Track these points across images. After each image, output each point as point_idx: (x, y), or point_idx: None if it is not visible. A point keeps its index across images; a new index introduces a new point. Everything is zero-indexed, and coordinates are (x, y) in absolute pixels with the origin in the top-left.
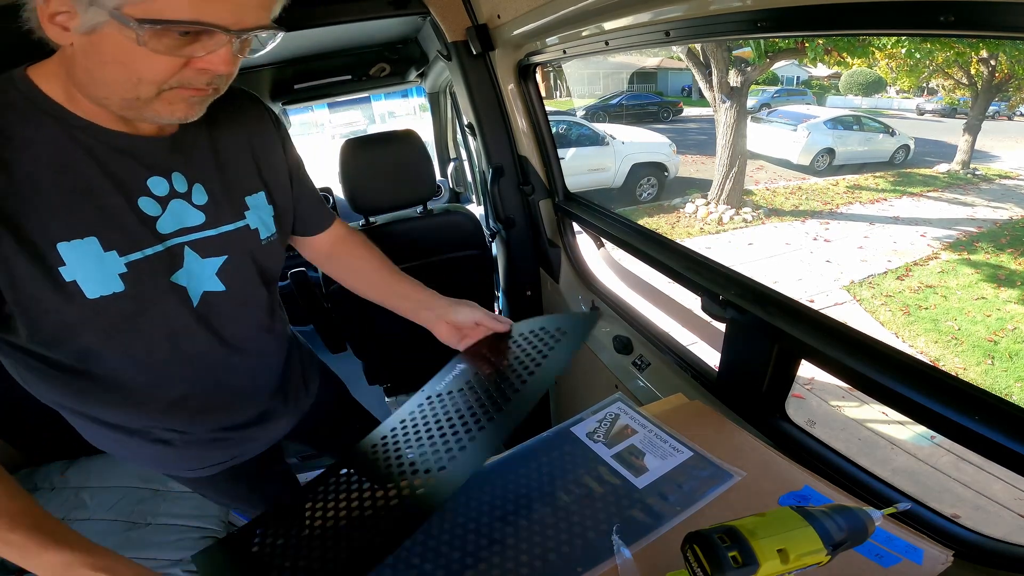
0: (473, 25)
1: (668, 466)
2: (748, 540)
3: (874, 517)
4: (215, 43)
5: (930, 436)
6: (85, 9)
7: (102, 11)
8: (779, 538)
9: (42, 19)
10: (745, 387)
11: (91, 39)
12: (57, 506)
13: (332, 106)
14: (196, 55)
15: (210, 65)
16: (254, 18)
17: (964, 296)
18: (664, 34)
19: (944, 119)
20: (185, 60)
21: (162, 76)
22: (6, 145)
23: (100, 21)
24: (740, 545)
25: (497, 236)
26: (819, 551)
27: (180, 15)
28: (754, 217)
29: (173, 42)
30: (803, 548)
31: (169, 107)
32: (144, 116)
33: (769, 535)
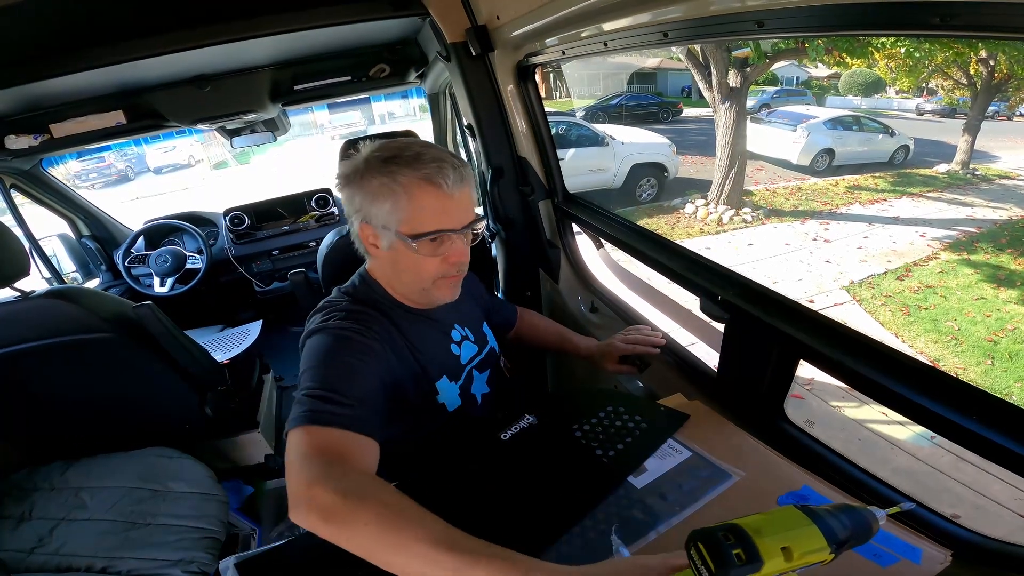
0: (472, 26)
1: (667, 466)
2: (752, 538)
3: (878, 517)
4: (451, 241)
5: (930, 436)
6: (384, 235)
7: (391, 234)
8: (783, 536)
9: (364, 243)
10: (744, 387)
11: (391, 254)
12: (57, 506)
13: (332, 107)
14: (446, 252)
15: (454, 255)
16: (468, 218)
17: (964, 296)
18: (663, 35)
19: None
20: (442, 257)
21: (432, 270)
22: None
23: (392, 241)
24: (744, 543)
25: (496, 237)
26: (823, 550)
27: (431, 228)
28: (754, 217)
29: (430, 246)
30: (807, 546)
31: (442, 292)
32: (431, 300)
33: (773, 533)
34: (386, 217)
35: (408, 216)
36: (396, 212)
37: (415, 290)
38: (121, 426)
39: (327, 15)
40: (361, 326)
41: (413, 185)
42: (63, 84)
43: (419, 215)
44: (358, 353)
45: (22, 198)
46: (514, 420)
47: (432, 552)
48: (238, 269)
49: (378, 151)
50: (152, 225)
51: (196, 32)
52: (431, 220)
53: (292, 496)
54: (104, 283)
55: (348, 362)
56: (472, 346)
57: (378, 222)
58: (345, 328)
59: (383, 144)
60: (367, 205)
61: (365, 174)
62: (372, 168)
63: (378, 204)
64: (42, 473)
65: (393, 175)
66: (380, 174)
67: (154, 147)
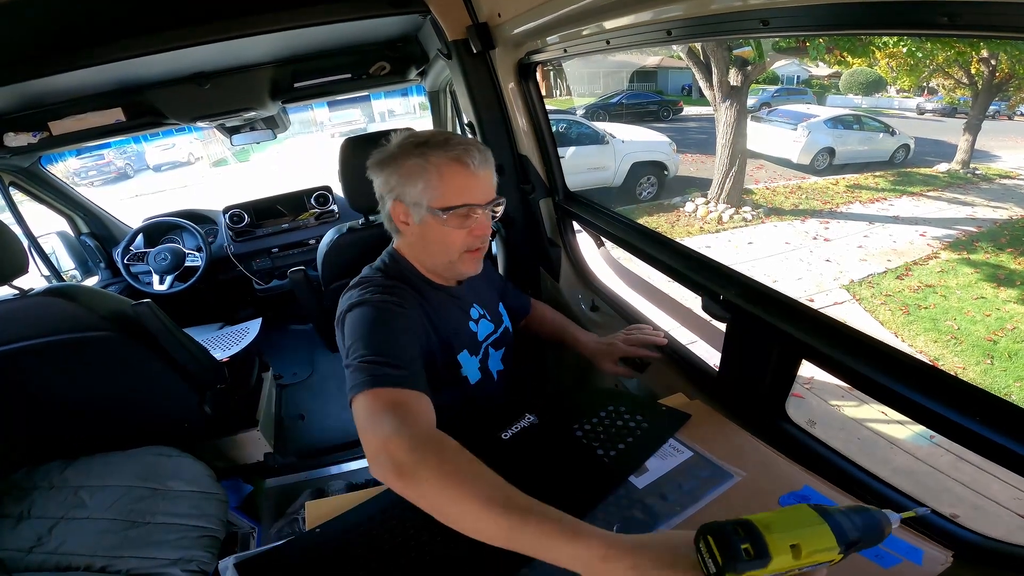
0: (473, 24)
1: (668, 466)
2: (762, 534)
3: (892, 520)
4: (477, 214)
5: (929, 436)
6: (416, 211)
7: (421, 209)
8: (793, 534)
9: (396, 220)
10: (745, 387)
11: (421, 228)
12: (56, 505)
13: (332, 105)
14: (471, 225)
15: (479, 228)
16: (491, 195)
17: (963, 296)
18: (666, 33)
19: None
20: (468, 230)
21: (459, 242)
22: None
23: (424, 215)
24: (754, 538)
25: (497, 235)
26: (832, 549)
27: (459, 201)
28: (754, 216)
29: (458, 219)
30: (816, 545)
31: (467, 265)
32: (457, 273)
33: (784, 530)
34: (419, 194)
35: (439, 192)
36: (428, 189)
37: (442, 263)
38: (120, 425)
39: (327, 12)
40: (397, 298)
41: (443, 164)
42: (62, 81)
43: (448, 191)
44: (400, 321)
45: (21, 195)
46: (515, 419)
47: (485, 510)
48: (237, 267)
49: (410, 138)
50: (151, 223)
51: (196, 30)
52: (459, 195)
53: (370, 453)
54: (103, 281)
55: (393, 329)
56: (488, 324)
57: (411, 199)
58: (385, 300)
59: (413, 133)
60: (401, 184)
61: (399, 157)
62: (406, 151)
63: (412, 182)
64: (41, 472)
65: (425, 156)
66: (413, 156)
67: (153, 144)
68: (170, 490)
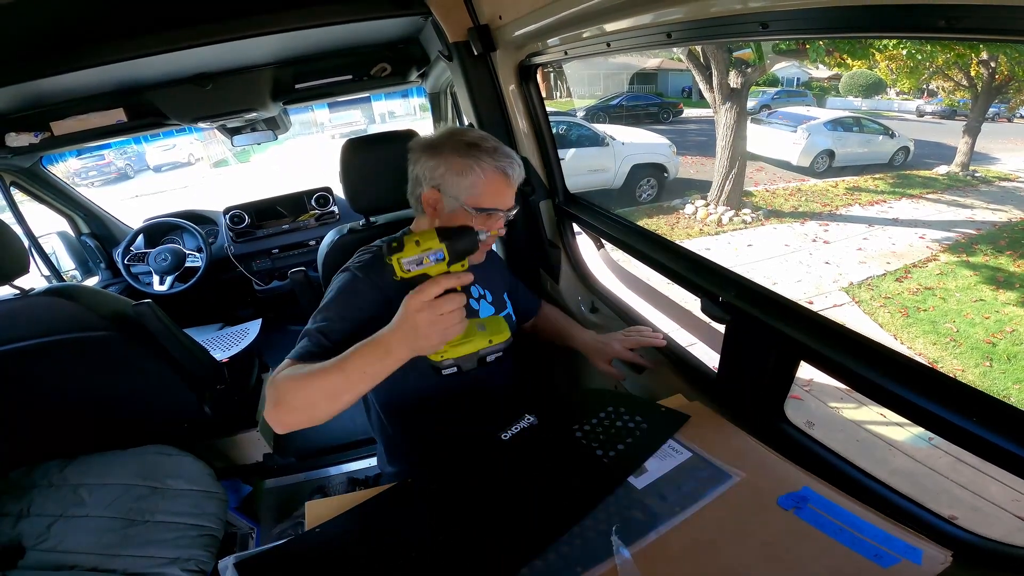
0: (475, 26)
1: (667, 467)
2: (404, 238)
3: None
4: (499, 217)
5: (928, 437)
6: (450, 202)
7: (456, 202)
8: (419, 235)
9: (425, 204)
10: (744, 388)
11: (450, 216)
12: (56, 503)
13: (332, 106)
14: (491, 224)
15: (497, 229)
16: (513, 203)
17: (963, 298)
18: (666, 36)
19: (944, 121)
20: (487, 227)
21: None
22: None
23: (455, 207)
24: (400, 239)
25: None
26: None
27: (489, 205)
28: (753, 218)
29: (485, 219)
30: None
31: (479, 255)
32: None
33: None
34: (461, 190)
35: (478, 192)
36: (472, 188)
37: None
38: (120, 424)
39: (329, 14)
40: (370, 269)
41: (490, 171)
42: (64, 82)
43: (486, 194)
44: (358, 295)
45: (22, 195)
46: (515, 420)
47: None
48: (238, 267)
49: (459, 135)
50: (152, 223)
51: (197, 30)
52: (493, 199)
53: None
54: (103, 281)
55: (345, 303)
56: (489, 307)
57: (451, 191)
58: (358, 269)
59: (463, 131)
60: (448, 176)
61: (450, 152)
62: (457, 149)
63: (458, 178)
64: (40, 470)
65: (478, 159)
66: (466, 156)
67: (154, 145)
68: (169, 489)
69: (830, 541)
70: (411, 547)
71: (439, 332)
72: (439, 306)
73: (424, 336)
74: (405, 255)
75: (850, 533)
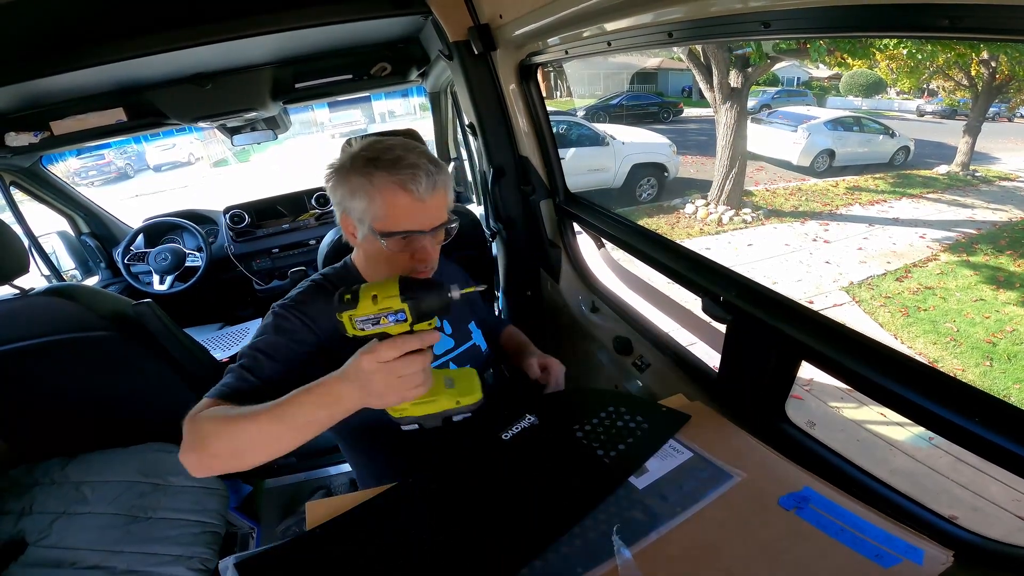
0: (475, 25)
1: (668, 467)
2: (359, 289)
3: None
4: (419, 241)
5: (928, 437)
6: (360, 228)
7: (365, 227)
8: (375, 288)
9: (346, 231)
10: (745, 388)
11: (366, 244)
12: (58, 500)
13: (332, 105)
14: (414, 250)
15: (421, 253)
16: (438, 220)
17: (963, 298)
18: (667, 35)
19: (944, 120)
20: (411, 253)
21: (402, 264)
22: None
23: (366, 233)
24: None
25: (497, 236)
26: (395, 297)
27: (400, 228)
28: (754, 218)
29: (399, 243)
30: (386, 293)
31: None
32: None
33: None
34: (362, 213)
35: (382, 215)
36: (371, 210)
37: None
38: (119, 424)
39: (328, 13)
40: (304, 307)
41: (387, 189)
42: (64, 81)
43: (391, 216)
44: (287, 333)
45: (21, 195)
46: (515, 420)
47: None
48: (238, 267)
49: (364, 150)
50: (152, 223)
51: (197, 30)
52: (402, 221)
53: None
54: (103, 281)
55: (274, 341)
56: (447, 339)
57: (355, 216)
58: (292, 306)
59: (370, 143)
60: (347, 199)
61: (349, 171)
62: (356, 166)
63: (356, 200)
64: (42, 468)
65: (370, 177)
66: (359, 174)
67: (154, 145)
68: (171, 485)
69: (831, 541)
70: (411, 547)
71: (396, 393)
72: (397, 368)
73: (378, 395)
74: (358, 313)
75: (851, 533)
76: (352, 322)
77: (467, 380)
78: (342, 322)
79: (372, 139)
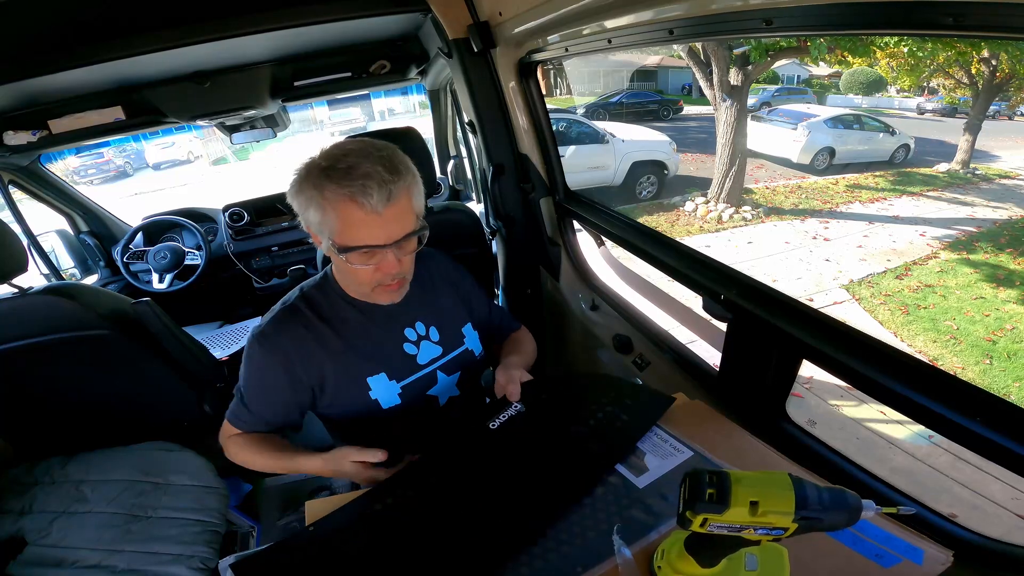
0: (474, 22)
1: (669, 466)
2: (730, 484)
3: (867, 508)
4: (382, 255)
5: (928, 436)
6: (323, 241)
7: (326, 240)
8: (758, 491)
9: (314, 240)
10: (746, 387)
11: (332, 256)
12: (58, 499)
13: (332, 103)
14: (377, 263)
15: (385, 267)
16: (399, 232)
17: (963, 296)
18: (668, 32)
19: (944, 118)
20: (375, 267)
21: (366, 278)
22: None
23: (328, 246)
24: (721, 486)
25: (497, 234)
26: (787, 515)
27: (357, 243)
28: (754, 215)
29: (361, 258)
30: (774, 506)
31: (382, 296)
32: (376, 301)
33: (750, 486)
34: (319, 226)
35: (338, 229)
36: (326, 224)
37: (358, 292)
38: (119, 423)
39: (327, 10)
40: (282, 331)
41: (339, 202)
42: (62, 80)
43: (347, 230)
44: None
45: (20, 194)
46: (502, 408)
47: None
48: (237, 265)
49: (322, 159)
50: (151, 221)
51: (195, 28)
52: (359, 235)
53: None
54: (102, 279)
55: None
56: (435, 347)
57: (314, 228)
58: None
59: (329, 151)
60: (303, 210)
61: (303, 182)
62: (310, 177)
63: (311, 213)
64: (42, 467)
65: (321, 189)
66: (312, 186)
67: (153, 143)
68: (172, 484)
69: (831, 541)
70: (407, 543)
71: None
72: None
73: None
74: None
75: (851, 533)
76: (704, 524)
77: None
78: (685, 516)
79: (334, 144)
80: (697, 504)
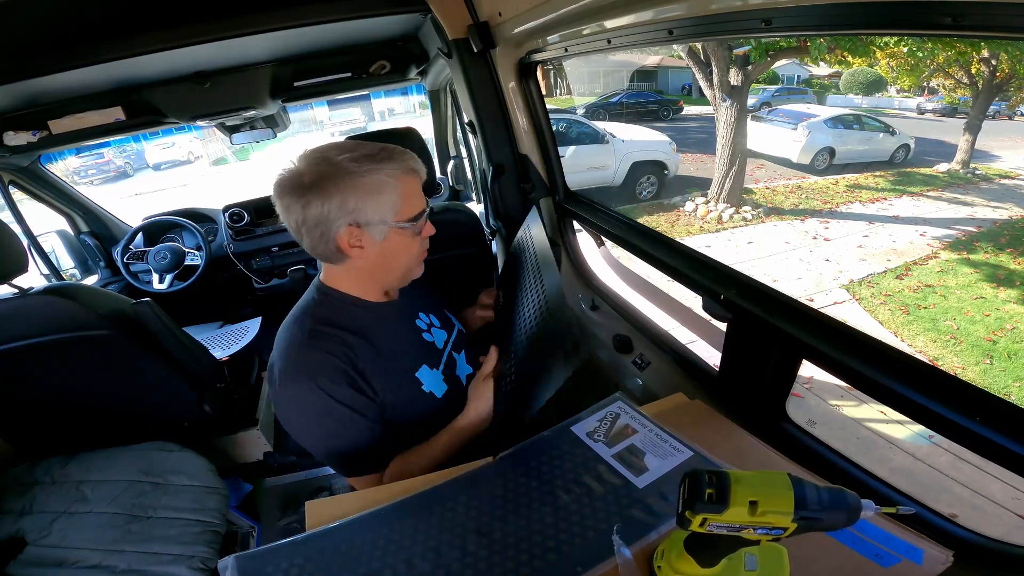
0: (474, 23)
1: (668, 466)
2: (729, 484)
3: (865, 508)
4: (424, 219)
5: (928, 435)
6: (378, 230)
7: (385, 226)
8: (757, 491)
9: (344, 247)
10: (746, 387)
11: (381, 247)
12: (58, 499)
13: (332, 104)
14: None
15: (428, 230)
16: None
17: (963, 295)
18: (667, 32)
19: (944, 118)
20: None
21: (418, 248)
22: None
23: (387, 232)
24: (720, 486)
25: (497, 234)
26: (786, 515)
27: (415, 212)
28: (754, 216)
29: (418, 227)
30: (773, 506)
31: (419, 268)
32: (410, 278)
33: (750, 486)
34: (384, 211)
35: (402, 205)
36: (394, 204)
37: (399, 276)
38: (119, 423)
39: (327, 11)
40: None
41: (403, 176)
42: (62, 80)
43: (408, 202)
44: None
45: (20, 194)
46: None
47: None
48: (237, 266)
49: (345, 154)
50: (151, 221)
51: (195, 28)
52: (416, 204)
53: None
54: (103, 280)
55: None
56: (441, 331)
57: (375, 218)
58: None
59: (337, 148)
60: (363, 203)
61: (353, 174)
62: (360, 167)
63: (375, 199)
64: (42, 467)
65: (382, 170)
66: (371, 172)
67: (153, 143)
68: (172, 484)
69: (831, 541)
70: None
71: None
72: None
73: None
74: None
75: (851, 533)
76: (703, 524)
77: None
78: (684, 516)
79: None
80: (697, 504)
